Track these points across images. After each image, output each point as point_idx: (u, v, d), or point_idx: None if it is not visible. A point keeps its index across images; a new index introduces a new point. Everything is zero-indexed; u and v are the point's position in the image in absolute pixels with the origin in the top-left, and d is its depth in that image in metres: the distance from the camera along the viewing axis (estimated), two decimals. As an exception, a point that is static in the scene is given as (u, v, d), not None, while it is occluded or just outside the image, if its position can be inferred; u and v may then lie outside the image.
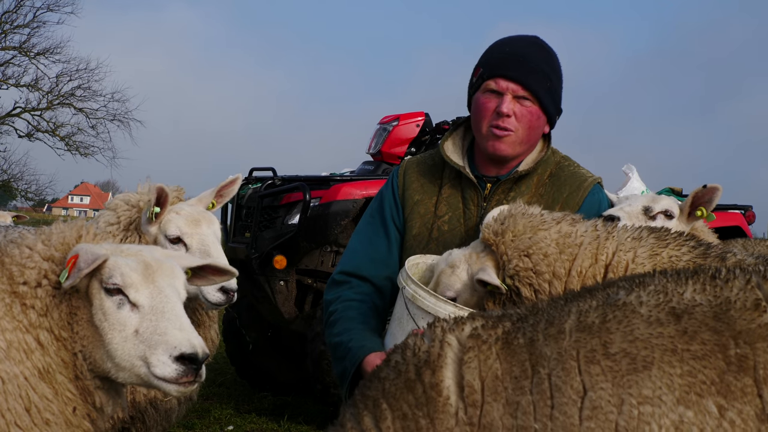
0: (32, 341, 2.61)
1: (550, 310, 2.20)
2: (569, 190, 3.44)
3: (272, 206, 7.71)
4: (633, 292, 2.13)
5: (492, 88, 3.34)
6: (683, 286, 2.11)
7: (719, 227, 7.57)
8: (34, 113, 37.11)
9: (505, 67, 3.33)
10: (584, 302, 2.17)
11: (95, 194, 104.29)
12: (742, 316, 1.99)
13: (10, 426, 2.47)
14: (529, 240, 2.89)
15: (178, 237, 4.16)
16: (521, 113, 3.33)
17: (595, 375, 2.00)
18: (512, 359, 2.09)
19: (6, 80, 36.61)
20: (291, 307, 7.48)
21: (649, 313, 2.05)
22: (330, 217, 7.27)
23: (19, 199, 40.31)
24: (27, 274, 2.68)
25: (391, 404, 2.15)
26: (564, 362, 2.03)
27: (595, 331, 2.06)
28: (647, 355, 2.00)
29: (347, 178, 7.73)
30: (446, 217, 3.47)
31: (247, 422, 7.77)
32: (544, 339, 2.09)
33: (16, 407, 2.51)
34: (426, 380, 2.12)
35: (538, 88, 3.32)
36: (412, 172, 3.63)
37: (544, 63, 3.38)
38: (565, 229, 2.91)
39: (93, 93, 37.91)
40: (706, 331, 1.99)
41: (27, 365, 2.58)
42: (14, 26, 36.75)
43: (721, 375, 1.94)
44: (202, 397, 8.71)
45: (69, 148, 37.43)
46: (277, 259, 7.26)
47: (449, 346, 2.15)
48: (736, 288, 2.05)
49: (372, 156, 8.32)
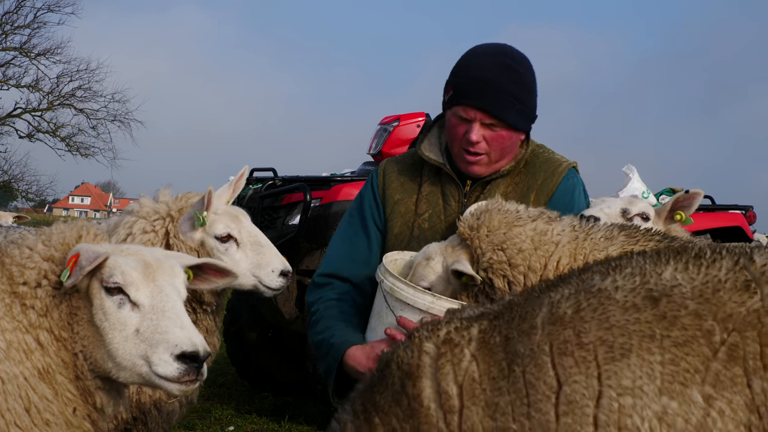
0: (32, 341, 2.61)
1: (524, 303, 2.12)
2: (543, 176, 3.43)
3: (273, 207, 7.71)
4: (608, 276, 2.04)
5: (461, 115, 3.33)
6: (663, 266, 2.01)
7: (720, 228, 7.58)
8: (34, 114, 37.14)
9: (472, 96, 3.30)
10: (557, 292, 2.08)
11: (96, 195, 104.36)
12: (732, 298, 1.88)
13: (9, 426, 2.47)
14: (503, 235, 2.91)
15: (228, 234, 4.21)
16: (491, 138, 3.32)
17: (569, 368, 1.92)
18: (490, 359, 2.03)
19: (7, 81, 36.65)
20: (291, 307, 7.48)
21: (625, 299, 1.96)
22: (330, 218, 7.27)
23: (20, 200, 40.38)
24: (27, 275, 2.68)
25: (382, 419, 2.12)
26: (536, 357, 1.96)
27: (568, 321, 1.97)
28: (624, 342, 1.89)
29: (348, 178, 7.73)
30: (426, 215, 3.48)
31: (248, 422, 7.77)
32: (518, 335, 2.02)
33: (15, 407, 2.50)
34: (409, 392, 2.08)
35: (505, 114, 3.29)
36: (391, 171, 3.65)
37: (512, 84, 3.31)
38: (540, 227, 2.92)
39: (93, 93, 37.99)
40: (686, 315, 1.88)
41: (27, 365, 2.57)
42: (15, 27, 36.80)
43: (706, 362, 1.83)
44: (203, 397, 8.70)
45: (69, 148, 37.48)
46: (278, 259, 7.25)
47: (427, 354, 2.10)
48: (725, 268, 1.94)
49: (373, 156, 8.32)
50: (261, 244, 4.26)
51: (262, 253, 4.25)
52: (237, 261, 4.18)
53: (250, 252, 4.24)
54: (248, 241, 4.25)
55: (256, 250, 4.25)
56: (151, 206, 4.24)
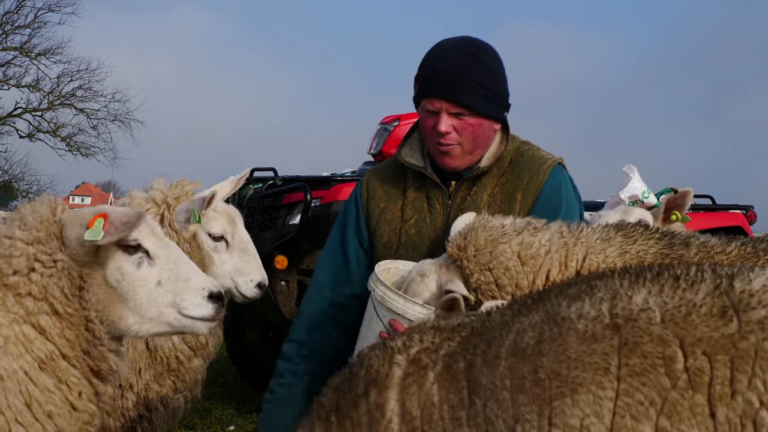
0: (31, 331, 2.59)
1: (497, 326, 2.03)
2: (529, 174, 3.38)
3: (273, 206, 7.70)
4: (576, 302, 1.92)
5: (428, 108, 3.33)
6: (638, 288, 1.88)
7: (721, 228, 7.57)
8: (35, 114, 37.10)
9: (435, 88, 3.30)
10: (527, 316, 1.98)
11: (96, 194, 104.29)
12: (705, 322, 1.75)
13: (10, 423, 2.45)
14: (489, 255, 2.86)
15: (222, 235, 4.34)
16: (461, 127, 3.31)
17: (523, 405, 1.82)
18: (450, 386, 1.95)
19: (7, 81, 36.60)
20: (292, 307, 7.47)
21: (585, 328, 1.84)
22: (331, 218, 7.26)
23: (20, 200, 40.28)
24: (16, 263, 2.64)
25: (339, 419, 2.10)
26: (497, 393, 1.86)
27: (529, 354, 1.87)
28: (576, 376, 1.78)
29: (348, 178, 7.73)
30: (413, 221, 3.47)
31: (249, 422, 7.77)
32: (482, 364, 1.93)
33: (16, 404, 2.49)
34: (371, 399, 2.04)
35: (470, 102, 3.28)
36: (374, 180, 3.65)
37: (475, 72, 3.30)
38: (526, 240, 2.87)
39: (94, 93, 37.88)
40: (648, 342, 1.76)
41: (26, 359, 2.55)
42: (15, 27, 36.73)
43: (662, 392, 1.71)
44: (204, 397, 8.71)
45: (70, 148, 37.42)
46: (278, 259, 7.25)
47: (398, 366, 2.06)
48: (703, 292, 1.81)
49: (373, 156, 8.31)
50: (248, 253, 4.42)
51: (247, 261, 4.40)
52: (222, 261, 4.33)
53: (236, 257, 4.38)
54: (237, 247, 4.39)
55: (242, 257, 4.39)
56: (142, 196, 4.29)
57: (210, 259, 4.27)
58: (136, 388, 4.15)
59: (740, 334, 1.72)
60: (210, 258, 4.27)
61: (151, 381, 4.19)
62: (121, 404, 4.12)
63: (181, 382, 4.32)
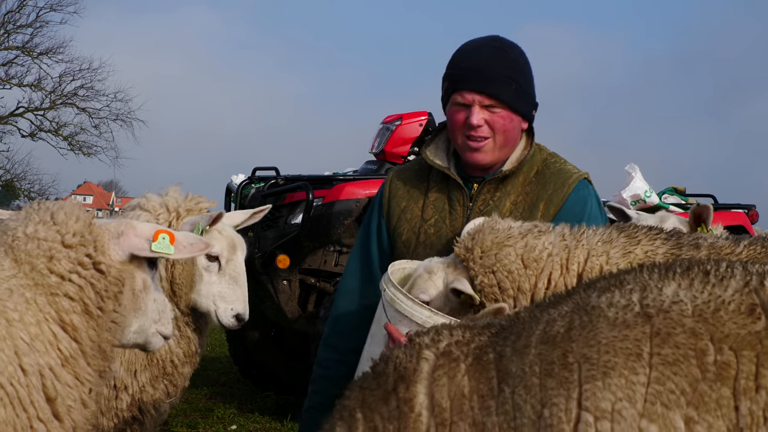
0: (59, 330, 2.65)
1: (526, 320, 2.07)
2: (554, 187, 3.39)
3: (275, 206, 7.70)
4: (606, 293, 1.96)
5: (459, 101, 3.34)
6: (668, 281, 1.92)
7: (722, 227, 7.57)
8: (37, 113, 37.11)
9: (467, 81, 3.32)
10: (556, 309, 2.02)
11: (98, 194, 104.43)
12: (733, 319, 1.79)
13: (32, 420, 2.50)
14: (494, 257, 2.88)
15: (217, 256, 4.32)
16: (492, 120, 3.32)
17: (551, 389, 1.84)
18: (480, 376, 1.98)
19: (9, 80, 36.62)
20: (294, 306, 7.48)
21: (616, 315, 1.87)
22: (333, 217, 7.27)
23: (22, 199, 40.30)
24: (57, 266, 2.71)
25: (366, 415, 2.10)
26: (526, 379, 1.89)
27: (559, 341, 1.90)
28: (608, 360, 1.81)
29: (350, 177, 7.73)
30: (432, 221, 3.48)
31: (251, 422, 7.78)
32: (512, 353, 1.96)
33: (38, 400, 2.53)
34: (400, 394, 2.05)
35: (502, 94, 3.30)
36: (397, 180, 3.66)
37: (505, 68, 3.34)
38: (530, 243, 2.88)
39: (96, 93, 37.86)
40: (681, 333, 1.80)
41: (52, 355, 2.61)
42: (17, 26, 36.75)
43: (693, 383, 1.75)
44: (206, 396, 8.72)
45: (72, 147, 37.44)
46: (280, 258, 7.26)
47: (426, 361, 2.08)
48: (732, 289, 1.85)
49: (375, 155, 8.32)
50: (237, 283, 4.38)
51: (233, 290, 4.36)
52: (210, 282, 4.32)
53: (224, 282, 4.36)
54: (229, 273, 4.36)
55: (230, 285, 4.36)
56: (157, 200, 4.35)
57: (200, 276, 4.28)
58: (131, 390, 4.19)
59: (767, 331, 1.77)
60: (200, 275, 4.28)
61: (146, 384, 4.23)
62: (115, 405, 4.16)
63: (172, 387, 4.37)
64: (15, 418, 2.44)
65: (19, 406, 2.46)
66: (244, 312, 4.37)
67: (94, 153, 37.87)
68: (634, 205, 7.09)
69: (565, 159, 3.53)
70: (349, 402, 2.18)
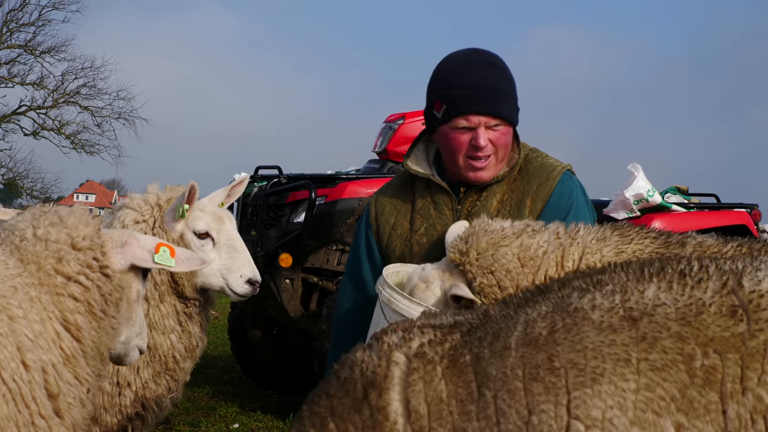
0: (62, 329, 2.68)
1: (499, 319, 2.01)
2: (538, 181, 3.38)
3: (278, 204, 7.71)
4: (587, 294, 1.92)
5: (463, 125, 3.30)
6: (645, 283, 1.89)
7: (725, 226, 7.57)
8: (39, 111, 37.17)
9: (473, 104, 3.27)
10: (534, 309, 1.96)
11: (100, 192, 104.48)
12: (716, 322, 1.77)
13: (34, 416, 2.52)
14: (491, 257, 2.88)
15: (206, 232, 4.35)
16: (495, 138, 3.30)
17: (538, 395, 1.79)
18: (458, 380, 1.91)
19: (12, 78, 36.67)
20: (296, 305, 7.48)
21: (602, 319, 1.83)
22: (336, 216, 7.27)
23: (25, 197, 40.37)
24: (65, 268, 2.76)
25: (338, 425, 2.01)
26: (509, 383, 1.83)
27: (542, 344, 1.85)
28: (597, 366, 1.77)
29: (353, 176, 7.74)
30: (422, 230, 3.45)
31: (253, 420, 7.78)
32: (490, 355, 1.90)
33: (40, 396, 2.55)
34: (373, 402, 1.96)
35: (506, 111, 3.30)
36: (382, 198, 3.64)
37: (503, 82, 3.34)
38: (525, 242, 2.88)
39: (98, 91, 37.93)
40: (667, 337, 1.77)
41: (54, 353, 2.64)
42: (20, 24, 36.80)
43: (683, 389, 1.73)
44: (208, 395, 8.73)
45: (74, 146, 37.49)
46: (283, 257, 7.26)
47: (396, 365, 1.98)
48: (711, 290, 1.83)
49: (378, 154, 8.32)
50: (236, 249, 4.40)
51: (235, 258, 4.38)
52: (210, 259, 4.32)
53: (224, 254, 4.37)
54: (224, 244, 4.38)
55: (230, 254, 4.38)
56: (140, 198, 4.41)
57: None
58: (134, 386, 4.21)
59: (750, 333, 1.76)
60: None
61: (149, 380, 4.25)
62: (119, 401, 4.19)
63: (174, 383, 4.39)
64: (17, 415, 2.46)
65: (21, 403, 2.48)
66: (254, 275, 4.38)
67: (96, 151, 37.93)
68: (636, 205, 7.09)
69: (546, 153, 3.53)
70: (319, 409, 2.08)
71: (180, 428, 7.36)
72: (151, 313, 4.21)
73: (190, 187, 4.26)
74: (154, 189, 4.47)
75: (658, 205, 7.19)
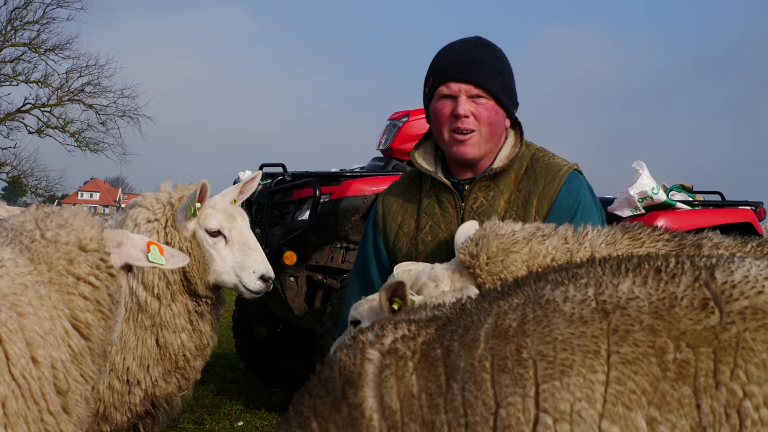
0: (70, 327, 2.72)
1: (473, 312, 1.99)
2: (545, 181, 3.37)
3: (282, 202, 7.72)
4: (560, 286, 1.90)
5: (445, 93, 3.34)
6: (621, 277, 1.86)
7: (729, 224, 7.56)
8: (44, 109, 37.20)
9: (454, 70, 3.32)
10: (506, 301, 1.94)
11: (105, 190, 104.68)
12: (688, 315, 1.75)
13: (43, 413, 2.54)
14: (501, 264, 2.87)
15: (218, 230, 4.35)
16: (478, 111, 3.31)
17: (505, 386, 1.77)
18: (428, 374, 1.90)
19: (16, 76, 36.71)
20: (301, 302, 7.49)
21: (572, 311, 1.81)
22: (340, 213, 7.27)
23: (29, 195, 40.41)
24: (76, 269, 2.81)
25: (320, 424, 2.02)
26: (476, 374, 1.81)
27: (511, 335, 1.82)
28: (566, 358, 1.75)
29: (357, 174, 7.74)
30: (427, 228, 3.46)
31: (257, 418, 7.79)
32: (459, 348, 1.88)
33: (50, 393, 2.57)
34: (350, 400, 1.97)
35: (490, 84, 3.31)
36: (389, 197, 3.66)
37: (492, 60, 3.37)
38: (534, 249, 2.87)
39: (103, 89, 37.95)
40: (639, 330, 1.75)
41: (63, 350, 2.67)
42: (24, 22, 36.82)
43: (654, 383, 1.71)
44: (212, 392, 8.74)
45: (79, 144, 37.52)
46: (287, 255, 7.27)
47: (370, 362, 1.98)
48: (683, 284, 1.81)
49: (382, 152, 8.32)
50: (249, 246, 4.40)
51: (248, 255, 4.38)
52: (223, 258, 4.34)
53: (236, 251, 4.37)
54: (237, 241, 4.38)
55: (243, 251, 4.38)
56: (152, 196, 4.41)
57: (210, 257, 4.31)
58: (144, 385, 4.21)
59: (722, 325, 1.74)
60: (210, 256, 4.31)
61: (159, 378, 4.25)
62: (128, 399, 4.19)
63: (184, 381, 4.40)
64: (26, 411, 2.47)
65: (31, 399, 2.49)
66: (267, 271, 4.38)
67: (100, 149, 37.96)
68: (641, 202, 7.09)
69: (552, 153, 3.52)
70: (303, 409, 2.09)
71: (184, 426, 7.37)
72: (162, 312, 4.21)
73: (201, 185, 4.25)
74: (167, 188, 4.47)
75: (663, 203, 7.18)
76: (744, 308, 1.75)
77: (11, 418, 2.41)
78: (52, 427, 2.55)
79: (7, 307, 2.50)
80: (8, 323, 2.47)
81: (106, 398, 4.13)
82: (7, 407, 2.41)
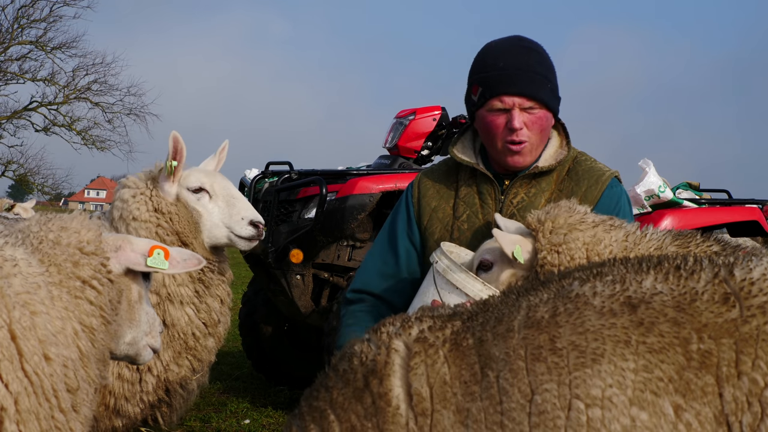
0: (80, 328, 2.73)
1: (501, 306, 2.07)
2: (587, 184, 3.43)
3: (289, 200, 7.72)
4: (588, 282, 2.00)
5: (498, 107, 3.33)
6: (643, 275, 1.97)
7: (736, 222, 7.55)
8: (50, 107, 37.33)
9: (506, 84, 3.31)
10: (535, 296, 2.03)
11: (111, 188, 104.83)
12: (710, 308, 1.86)
13: (54, 410, 2.55)
14: (563, 237, 2.92)
15: (200, 187, 4.40)
16: (531, 121, 3.33)
17: (540, 374, 1.85)
18: (461, 362, 1.95)
19: (23, 74, 36.83)
20: (307, 301, 7.49)
21: (602, 304, 1.92)
22: (346, 211, 7.27)
23: (36, 193, 40.52)
24: (82, 272, 2.82)
25: (339, 415, 2.02)
26: (511, 363, 1.89)
27: (544, 326, 1.92)
28: (597, 347, 1.84)
29: (364, 172, 7.73)
30: (464, 216, 3.49)
31: (264, 416, 7.80)
32: (493, 338, 1.95)
33: (61, 390, 2.58)
34: (374, 390, 1.98)
35: (541, 94, 3.32)
36: (425, 181, 3.67)
37: (539, 66, 3.37)
38: (599, 236, 2.92)
39: (109, 87, 38.12)
40: (664, 322, 1.85)
41: (72, 350, 2.68)
42: (31, 21, 36.95)
43: (680, 371, 1.80)
44: (219, 390, 8.75)
45: (85, 142, 37.65)
46: (294, 253, 7.27)
47: (396, 352, 2.01)
48: (703, 281, 1.91)
49: (388, 150, 8.32)
50: (234, 197, 4.45)
51: (233, 205, 4.42)
52: (210, 212, 4.37)
53: (222, 203, 4.41)
54: (220, 194, 4.42)
55: (228, 202, 4.42)
56: (133, 175, 4.48)
57: (198, 215, 4.33)
58: (155, 371, 4.18)
59: (743, 318, 1.83)
60: (198, 213, 4.34)
61: (170, 362, 4.22)
62: (140, 388, 4.16)
63: (197, 362, 4.36)
64: (38, 408, 2.48)
65: (42, 396, 2.50)
66: (255, 216, 4.42)
67: (107, 147, 38.11)
68: (648, 200, 7.08)
69: (594, 158, 3.57)
70: (318, 403, 2.09)
71: (191, 423, 7.38)
72: (167, 283, 4.20)
73: (173, 140, 4.30)
74: (147, 168, 4.52)
75: (670, 201, 7.18)
76: (764, 303, 1.85)
77: (23, 414, 2.42)
78: (63, 425, 2.56)
79: (21, 305, 2.51)
80: (22, 320, 2.48)
81: (116, 390, 4.09)
82: (20, 404, 2.42)
